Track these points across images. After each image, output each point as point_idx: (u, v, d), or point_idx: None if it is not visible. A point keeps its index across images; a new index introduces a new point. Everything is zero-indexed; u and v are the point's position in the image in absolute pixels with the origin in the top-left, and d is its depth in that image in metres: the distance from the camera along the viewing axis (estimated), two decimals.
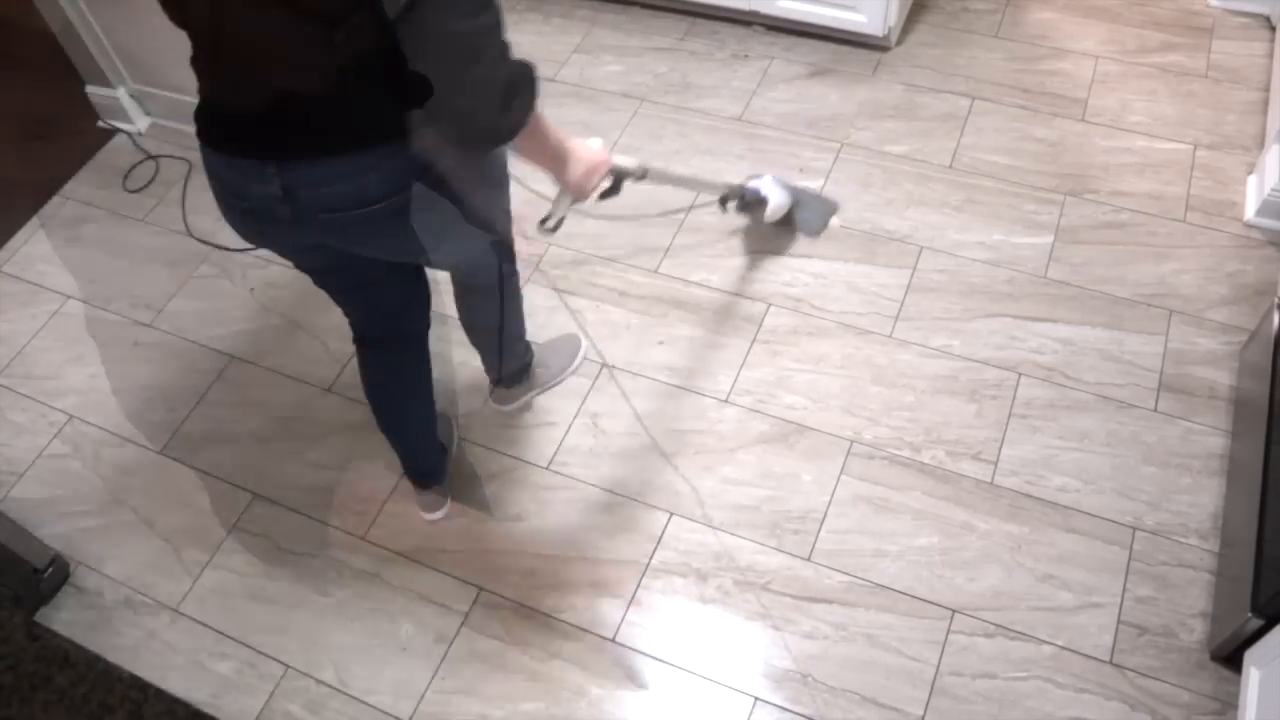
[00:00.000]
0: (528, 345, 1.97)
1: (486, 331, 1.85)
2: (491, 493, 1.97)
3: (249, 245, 1.48)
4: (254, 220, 1.33)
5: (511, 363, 1.94)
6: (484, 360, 1.96)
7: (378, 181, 1.24)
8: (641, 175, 1.58)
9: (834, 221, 2.28)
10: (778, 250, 2.27)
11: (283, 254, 1.46)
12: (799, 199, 2.25)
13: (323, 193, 1.24)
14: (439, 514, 1.94)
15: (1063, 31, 2.66)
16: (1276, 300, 1.80)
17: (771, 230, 2.28)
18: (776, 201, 2.16)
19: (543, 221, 1.48)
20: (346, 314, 1.67)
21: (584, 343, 2.14)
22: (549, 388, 2.09)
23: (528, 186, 1.58)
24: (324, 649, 1.81)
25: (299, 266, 1.52)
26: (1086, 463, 1.89)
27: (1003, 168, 2.37)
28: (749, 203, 2.17)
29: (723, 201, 2.14)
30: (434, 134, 1.21)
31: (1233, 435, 1.88)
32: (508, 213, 1.55)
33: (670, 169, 1.92)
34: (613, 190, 1.62)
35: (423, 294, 1.66)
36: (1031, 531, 1.82)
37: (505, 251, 1.64)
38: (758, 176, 2.18)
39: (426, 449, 1.86)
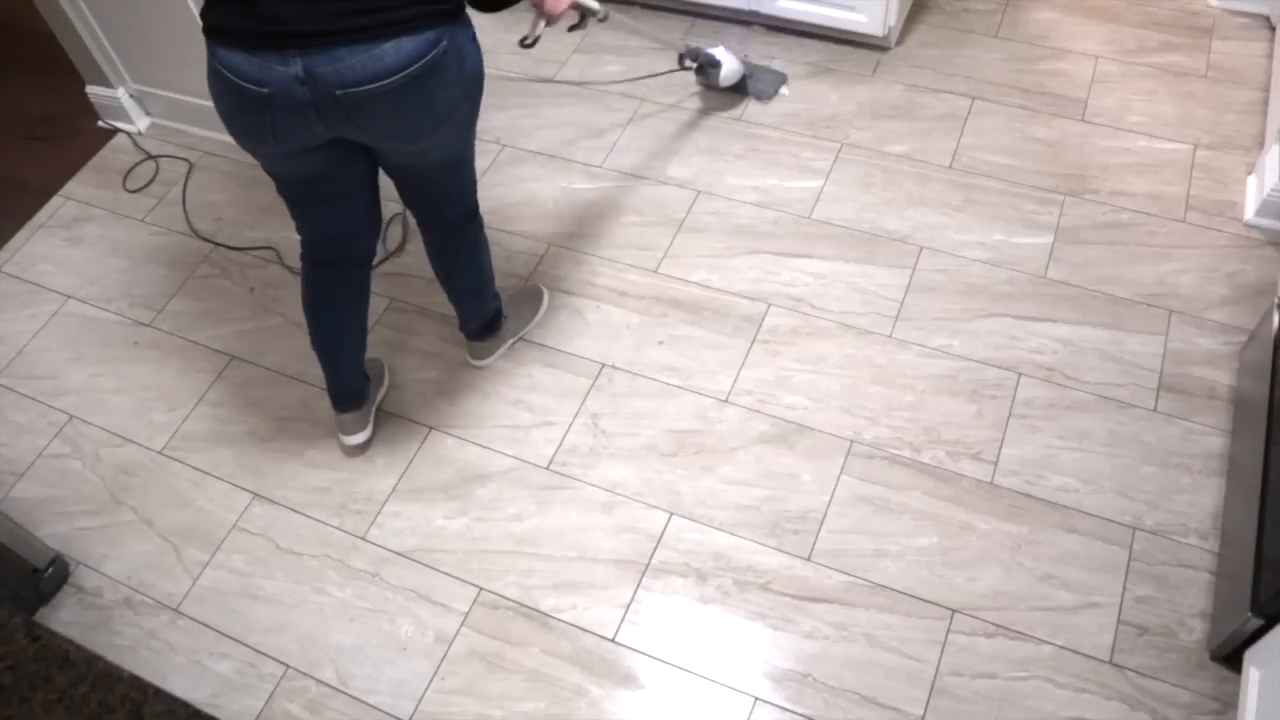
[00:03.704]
0: (497, 293, 2.05)
1: (462, 274, 1.95)
2: (491, 493, 1.97)
3: (250, 148, 1.56)
4: (268, 111, 1.42)
5: (485, 308, 2.03)
6: (459, 312, 2.05)
7: (394, 54, 1.38)
8: (603, 17, 1.98)
9: (784, 90, 2.58)
10: (778, 250, 2.27)
11: (284, 153, 1.54)
12: (751, 71, 2.58)
13: (340, 69, 1.37)
14: (359, 437, 2.01)
15: (1063, 31, 2.66)
16: (1276, 300, 1.80)
17: (725, 98, 2.58)
18: (729, 67, 2.48)
19: (522, 40, 1.87)
20: (305, 231, 1.79)
21: (546, 293, 2.23)
22: (519, 338, 2.17)
23: None
24: (324, 649, 1.81)
25: (287, 176, 1.64)
26: (1086, 463, 1.89)
27: (1003, 168, 2.37)
28: (704, 66, 2.48)
29: (681, 59, 2.48)
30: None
31: (1233, 435, 1.88)
32: (474, 161, 1.78)
33: (633, 21, 2.25)
34: (579, 25, 1.99)
35: (378, 220, 1.83)
36: (1031, 531, 1.82)
37: (475, 188, 1.85)
38: (713, 46, 2.49)
39: (353, 370, 1.96)
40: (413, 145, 1.57)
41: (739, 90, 2.58)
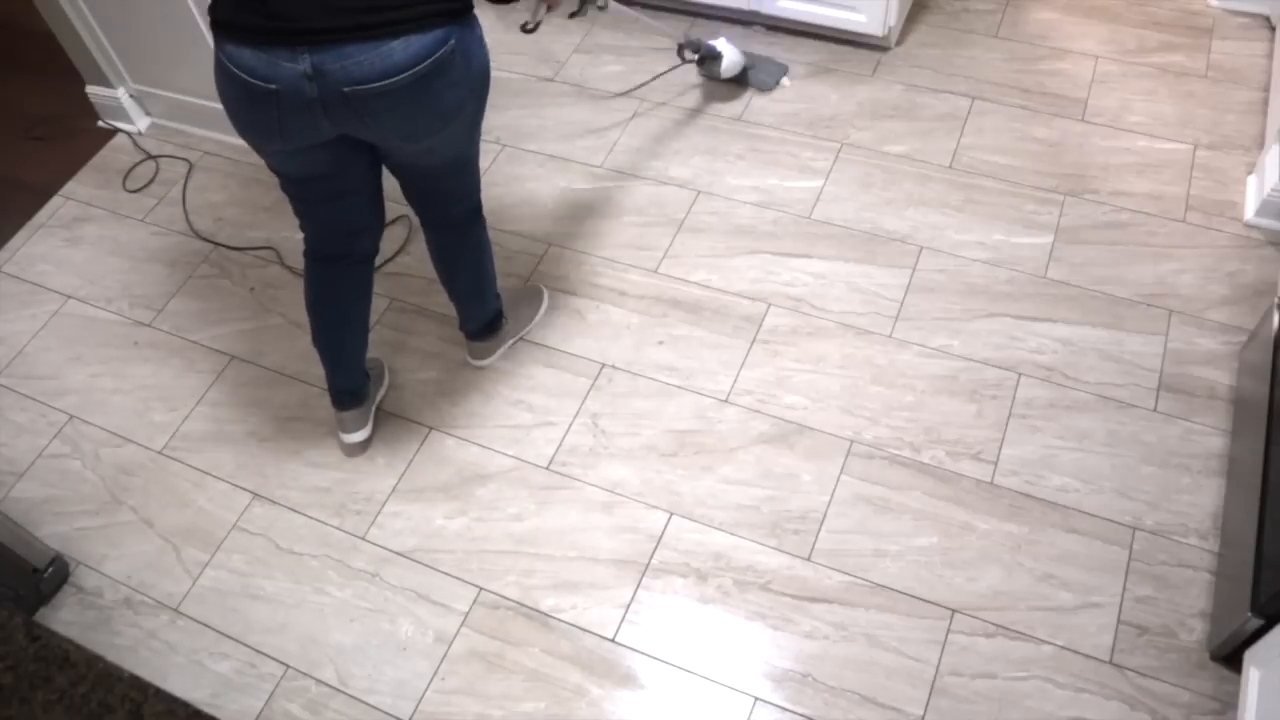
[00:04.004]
0: (498, 294, 2.05)
1: (464, 274, 1.95)
2: (491, 493, 1.97)
3: (256, 145, 1.56)
4: (275, 107, 1.43)
5: (486, 308, 2.03)
6: (460, 312, 2.04)
7: (402, 52, 1.38)
8: (603, 5, 1.98)
9: (785, 81, 2.58)
10: (778, 250, 2.27)
11: (290, 150, 1.54)
12: (752, 61, 2.58)
13: (349, 65, 1.38)
14: (359, 435, 2.01)
15: (1063, 31, 2.66)
16: (1276, 300, 1.80)
17: (725, 94, 2.59)
18: (731, 59, 2.48)
19: (523, 25, 1.89)
20: (308, 227, 1.79)
21: (546, 293, 2.23)
22: (519, 338, 2.17)
23: None
24: (324, 649, 1.81)
25: (291, 173, 1.64)
26: (1086, 463, 1.89)
27: (1003, 168, 2.37)
28: (705, 58, 2.48)
29: (680, 50, 2.46)
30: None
31: (1232, 435, 1.88)
32: (479, 162, 1.78)
33: (633, 11, 2.26)
34: (579, 11, 2.04)
35: (381, 217, 1.83)
36: (1031, 531, 1.82)
37: (479, 188, 1.85)
38: (715, 38, 2.50)
39: (354, 367, 1.96)
40: (418, 144, 1.57)
41: (740, 82, 2.59)
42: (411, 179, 1.73)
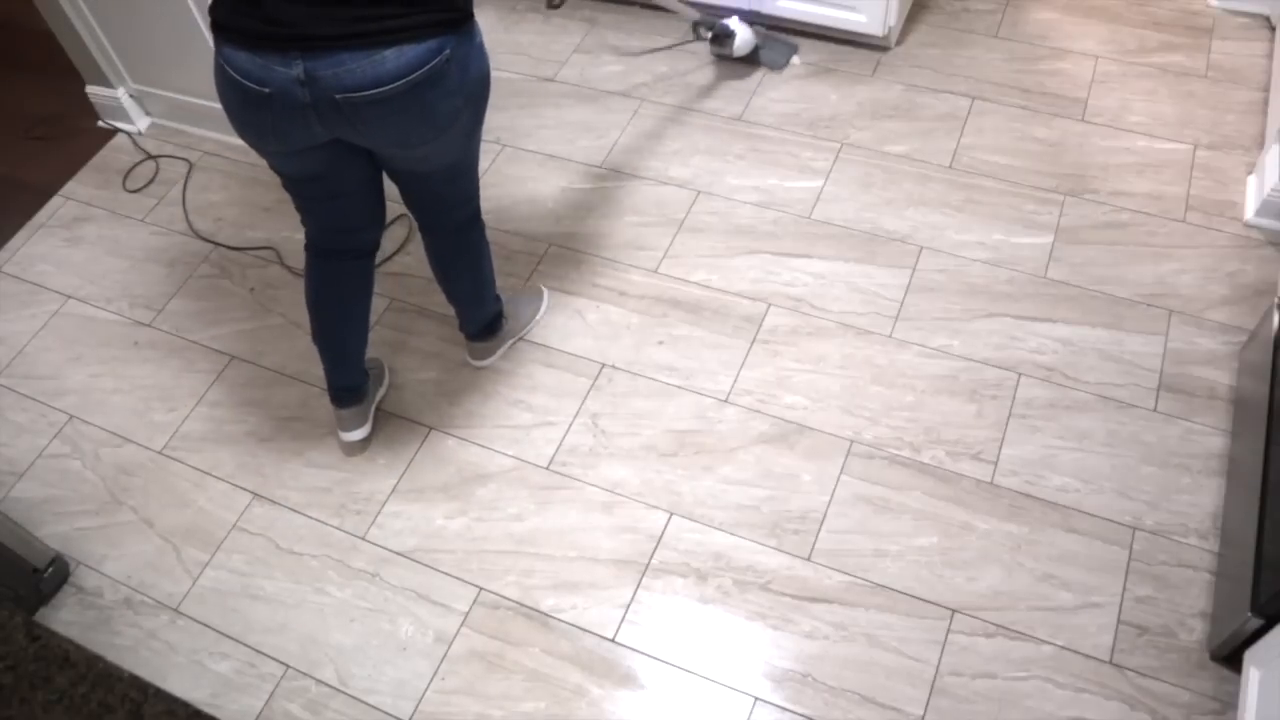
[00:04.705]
0: (498, 296, 2.05)
1: (462, 279, 1.95)
2: (491, 493, 1.97)
3: (253, 144, 1.56)
4: (268, 110, 1.44)
5: (486, 311, 2.04)
6: (459, 314, 2.05)
7: (395, 61, 1.38)
8: None
9: (795, 60, 2.63)
10: (778, 250, 2.27)
11: (286, 151, 1.55)
12: (763, 40, 2.63)
13: (341, 73, 1.38)
14: (358, 434, 2.02)
15: (1063, 31, 2.66)
16: (1276, 300, 1.80)
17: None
18: (743, 37, 2.54)
19: (549, 2, 2.11)
20: (309, 223, 1.80)
21: (546, 293, 2.23)
22: (519, 338, 2.18)
23: None
24: (324, 649, 1.81)
25: (290, 173, 1.64)
26: (1086, 463, 1.89)
27: (1003, 168, 2.37)
28: (718, 35, 2.55)
29: (695, 28, 2.60)
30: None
31: (1232, 435, 1.88)
32: (477, 168, 1.78)
33: None
34: None
35: (382, 214, 1.83)
36: (1031, 531, 1.82)
37: (477, 194, 1.85)
38: (728, 15, 2.56)
39: (354, 365, 1.96)
40: (411, 152, 1.56)
41: (751, 60, 2.63)
42: (408, 184, 1.73)
